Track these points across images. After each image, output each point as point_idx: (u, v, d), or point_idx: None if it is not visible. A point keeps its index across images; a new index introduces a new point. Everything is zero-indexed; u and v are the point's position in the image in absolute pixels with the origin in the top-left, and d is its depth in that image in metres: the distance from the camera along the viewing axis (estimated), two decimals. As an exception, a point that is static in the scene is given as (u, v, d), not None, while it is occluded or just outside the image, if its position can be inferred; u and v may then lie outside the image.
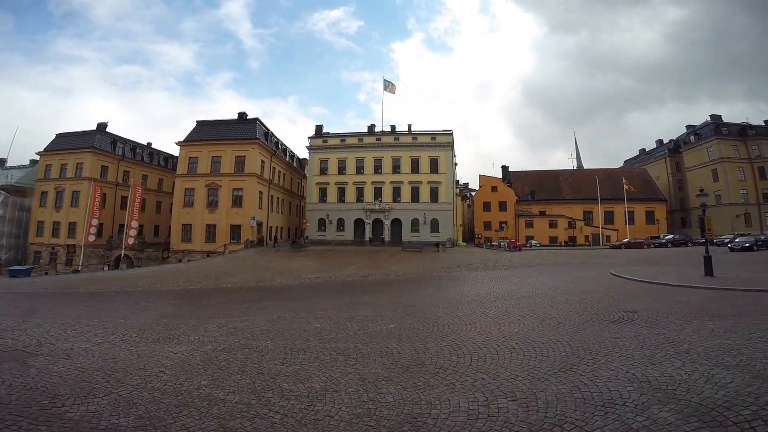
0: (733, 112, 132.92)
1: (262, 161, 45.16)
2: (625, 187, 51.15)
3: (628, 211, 58.45)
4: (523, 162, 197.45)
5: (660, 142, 67.49)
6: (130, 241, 42.32)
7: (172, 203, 46.31)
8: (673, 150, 62.81)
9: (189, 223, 43.13)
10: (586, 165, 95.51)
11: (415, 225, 48.77)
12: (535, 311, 10.20)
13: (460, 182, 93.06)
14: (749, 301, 10.10)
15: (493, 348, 6.84)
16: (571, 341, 7.00)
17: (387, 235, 48.60)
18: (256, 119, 46.08)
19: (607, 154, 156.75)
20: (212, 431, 4.27)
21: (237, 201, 42.97)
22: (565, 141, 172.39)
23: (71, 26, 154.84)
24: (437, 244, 42.48)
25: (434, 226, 48.72)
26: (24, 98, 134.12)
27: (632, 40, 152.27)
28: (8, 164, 51.83)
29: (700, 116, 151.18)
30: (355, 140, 51.02)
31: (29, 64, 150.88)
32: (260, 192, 44.85)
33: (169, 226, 45.37)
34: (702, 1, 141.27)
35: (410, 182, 49.19)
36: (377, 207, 48.72)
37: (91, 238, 42.77)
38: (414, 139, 50.39)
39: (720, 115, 57.99)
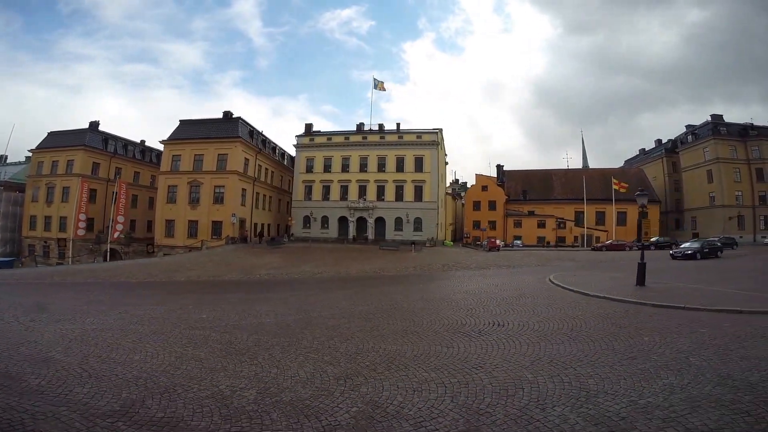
0: (748, 115, 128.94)
1: (246, 159, 45.83)
2: (614, 186, 50.12)
3: (620, 212, 57.53)
4: (534, 162, 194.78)
5: (659, 141, 65.90)
6: (116, 235, 43.56)
7: (159, 199, 47.50)
8: (670, 150, 61.36)
9: (172, 218, 44.22)
10: (595, 165, 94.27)
11: (398, 223, 48.93)
12: (379, 325, 9.57)
13: (460, 181, 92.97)
14: (649, 318, 9.59)
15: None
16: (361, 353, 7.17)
17: (370, 233, 48.88)
18: (239, 118, 46.72)
19: (618, 154, 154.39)
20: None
21: (218, 198, 43.80)
22: (575, 141, 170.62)
23: (79, 25, 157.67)
24: (412, 243, 42.53)
25: (417, 224, 48.79)
26: (33, 95, 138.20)
27: (649, 42, 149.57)
28: (9, 161, 53.80)
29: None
30: (341, 139, 51.34)
31: (37, 62, 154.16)
32: (243, 189, 45.61)
33: (158, 222, 46.56)
34: (723, 3, 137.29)
35: (394, 181, 49.30)
36: (361, 205, 49.02)
37: (80, 233, 44.17)
38: (400, 138, 50.42)
39: (721, 115, 56.35)
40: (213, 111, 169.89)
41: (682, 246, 30.92)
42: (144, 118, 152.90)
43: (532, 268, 24.63)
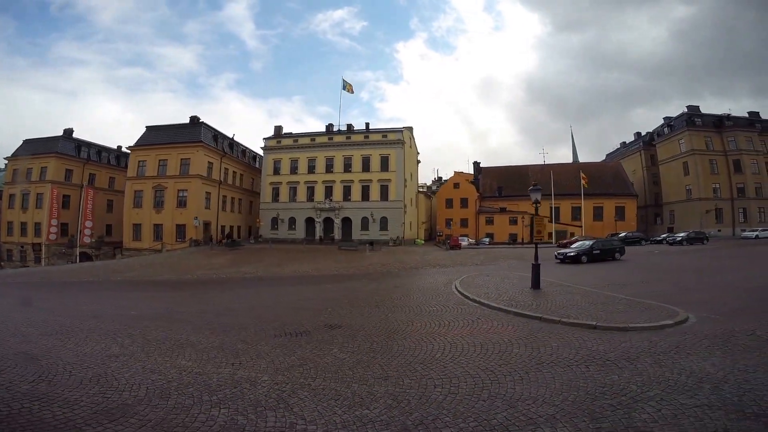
0: (738, 109, 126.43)
1: (210, 163, 46.74)
2: (583, 182, 49.40)
3: (596, 207, 56.65)
4: (529, 158, 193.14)
5: (638, 134, 64.53)
6: (86, 239, 44.98)
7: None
8: (647, 143, 60.08)
9: (139, 222, 45.46)
10: (587, 160, 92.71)
11: (364, 223, 49.17)
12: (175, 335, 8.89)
13: (442, 177, 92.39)
14: (495, 325, 9.05)
15: None
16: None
17: (337, 234, 49.24)
18: (202, 123, 47.65)
19: (611, 149, 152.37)
20: None
21: (182, 202, 44.78)
22: (569, 137, 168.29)
23: (72, 29, 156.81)
24: (370, 243, 42.74)
25: (384, 224, 48.93)
26: (29, 100, 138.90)
27: (639, 38, 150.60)
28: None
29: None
30: (307, 140, 51.89)
31: (33, 67, 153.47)
32: (207, 193, 46.51)
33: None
34: None
35: (360, 181, 49.58)
36: (327, 206, 49.45)
37: (53, 237, 45.75)
38: (366, 138, 50.69)
39: (698, 106, 54.90)
40: (208, 114, 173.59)
41: (573, 246, 28.08)
42: (141, 123, 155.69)
43: (467, 267, 24.39)
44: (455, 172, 64.82)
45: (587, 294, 12.51)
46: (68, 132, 50.31)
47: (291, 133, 55.23)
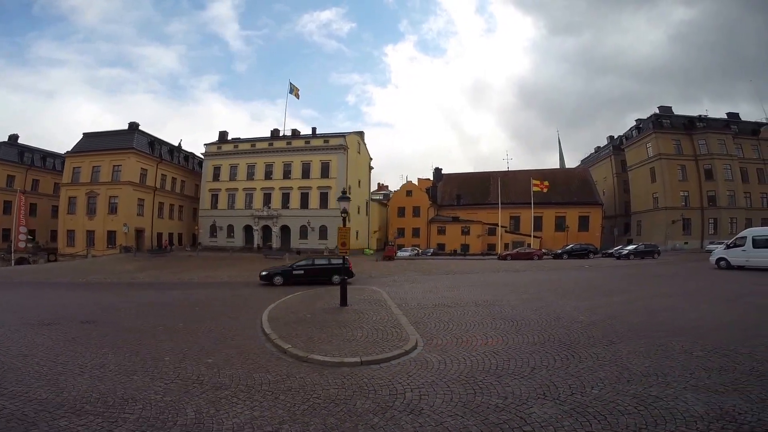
0: (741, 114, 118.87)
1: (143, 169, 46.04)
2: (534, 188, 45.98)
3: (559, 216, 53.09)
4: (523, 164, 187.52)
5: (611, 138, 60.23)
6: (20, 245, 44.92)
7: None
8: (617, 147, 55.90)
9: (72, 228, 45.18)
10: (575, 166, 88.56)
11: (303, 232, 47.39)
12: None
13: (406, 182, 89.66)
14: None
15: None
16: None
17: (276, 242, 47.63)
18: (136, 130, 46.99)
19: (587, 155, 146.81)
20: None
21: (113, 208, 44.22)
22: (564, 142, 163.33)
23: (52, 28, 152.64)
24: (297, 252, 40.93)
25: (323, 233, 47.02)
26: (4, 100, 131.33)
27: (636, 42, 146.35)
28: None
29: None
30: (247, 146, 50.53)
31: (9, 66, 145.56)
32: (141, 199, 45.81)
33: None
34: (710, 2, 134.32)
35: (300, 188, 47.85)
36: (265, 213, 47.93)
37: (-11, 243, 45.98)
38: (307, 143, 49.02)
39: (670, 107, 50.58)
40: (188, 116, 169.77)
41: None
42: (121, 124, 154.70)
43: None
44: (408, 180, 62.53)
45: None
46: (13, 138, 50.67)
47: (239, 138, 54.00)
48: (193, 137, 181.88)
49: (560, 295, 13.40)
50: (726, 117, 49.23)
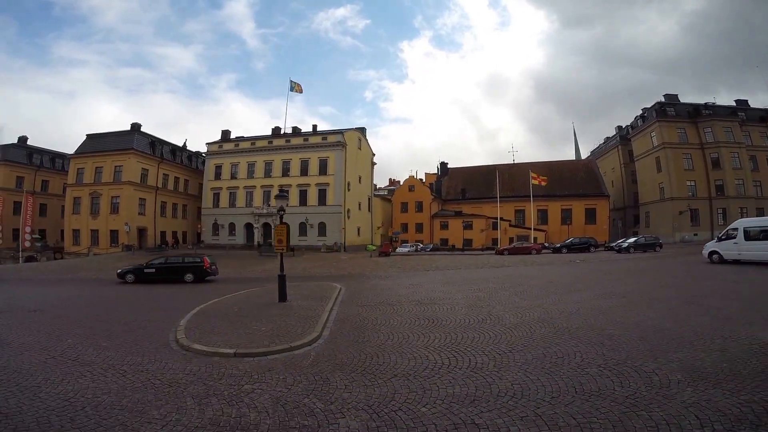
0: (755, 103, 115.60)
1: (144, 170, 46.81)
2: (533, 181, 45.16)
3: (565, 209, 52.22)
4: (541, 157, 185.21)
5: (619, 128, 58.82)
6: (26, 243, 46.13)
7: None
8: (624, 137, 54.58)
9: (78, 228, 46.33)
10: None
11: (302, 229, 47.60)
12: None
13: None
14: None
15: None
16: None
17: (275, 240, 47.78)
18: (137, 131, 47.85)
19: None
20: None
21: (115, 208, 45.11)
22: (580, 135, 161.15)
23: (71, 29, 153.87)
24: (291, 249, 41.07)
25: (322, 229, 47.19)
26: (28, 101, 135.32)
27: (649, 33, 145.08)
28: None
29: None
30: (248, 144, 50.91)
31: (32, 67, 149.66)
32: (142, 199, 46.59)
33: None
34: None
35: (298, 185, 48.06)
36: (265, 211, 48.18)
37: (-1, 242, 47.32)
38: (305, 141, 49.18)
39: (676, 95, 49.20)
40: (208, 115, 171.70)
41: None
42: (143, 125, 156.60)
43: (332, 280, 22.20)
44: (410, 175, 62.26)
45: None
46: (22, 139, 52.05)
47: (241, 137, 54.41)
48: (215, 137, 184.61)
49: (515, 293, 12.84)
50: (734, 104, 47.58)
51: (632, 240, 36.70)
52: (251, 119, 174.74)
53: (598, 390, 4.73)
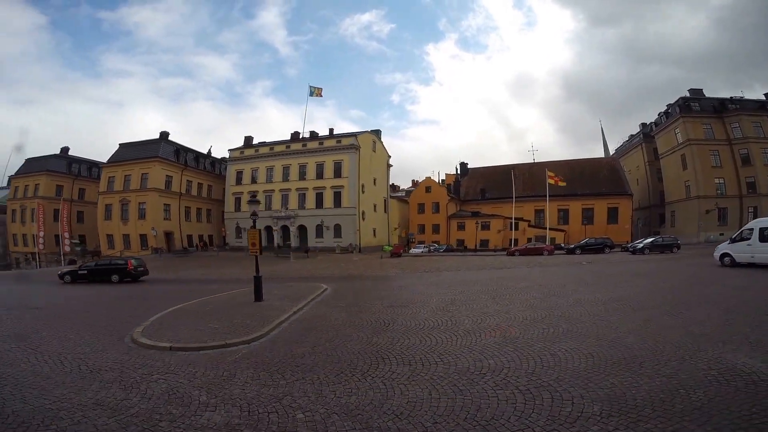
0: None
1: (168, 176, 49.22)
2: (549, 180, 44.35)
3: (586, 209, 50.92)
4: (571, 155, 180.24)
5: (643, 125, 56.64)
6: (66, 248, 49.49)
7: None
8: (647, 135, 52.58)
9: (111, 233, 49.20)
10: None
11: (319, 231, 48.77)
12: None
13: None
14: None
15: None
16: None
17: (294, 242, 49.27)
18: (163, 139, 50.41)
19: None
20: None
21: (142, 214, 47.67)
22: (610, 133, 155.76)
23: (117, 42, 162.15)
24: (306, 250, 42.42)
25: (338, 231, 48.16)
26: (78, 112, 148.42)
27: (678, 28, 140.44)
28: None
29: None
30: (267, 149, 52.56)
31: (86, 79, 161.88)
32: (167, 204, 48.99)
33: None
34: None
35: (314, 188, 49.27)
36: (283, 214, 49.70)
37: (41, 247, 50.88)
38: (320, 144, 50.29)
39: (701, 89, 46.94)
40: (246, 122, 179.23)
41: None
42: (184, 132, 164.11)
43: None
44: (426, 177, 62.35)
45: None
46: (64, 150, 55.80)
47: (263, 143, 56.23)
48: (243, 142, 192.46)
49: (492, 297, 12.56)
50: (764, 98, 44.97)
51: (648, 240, 35.36)
52: (283, 125, 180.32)
53: (491, 417, 4.29)
